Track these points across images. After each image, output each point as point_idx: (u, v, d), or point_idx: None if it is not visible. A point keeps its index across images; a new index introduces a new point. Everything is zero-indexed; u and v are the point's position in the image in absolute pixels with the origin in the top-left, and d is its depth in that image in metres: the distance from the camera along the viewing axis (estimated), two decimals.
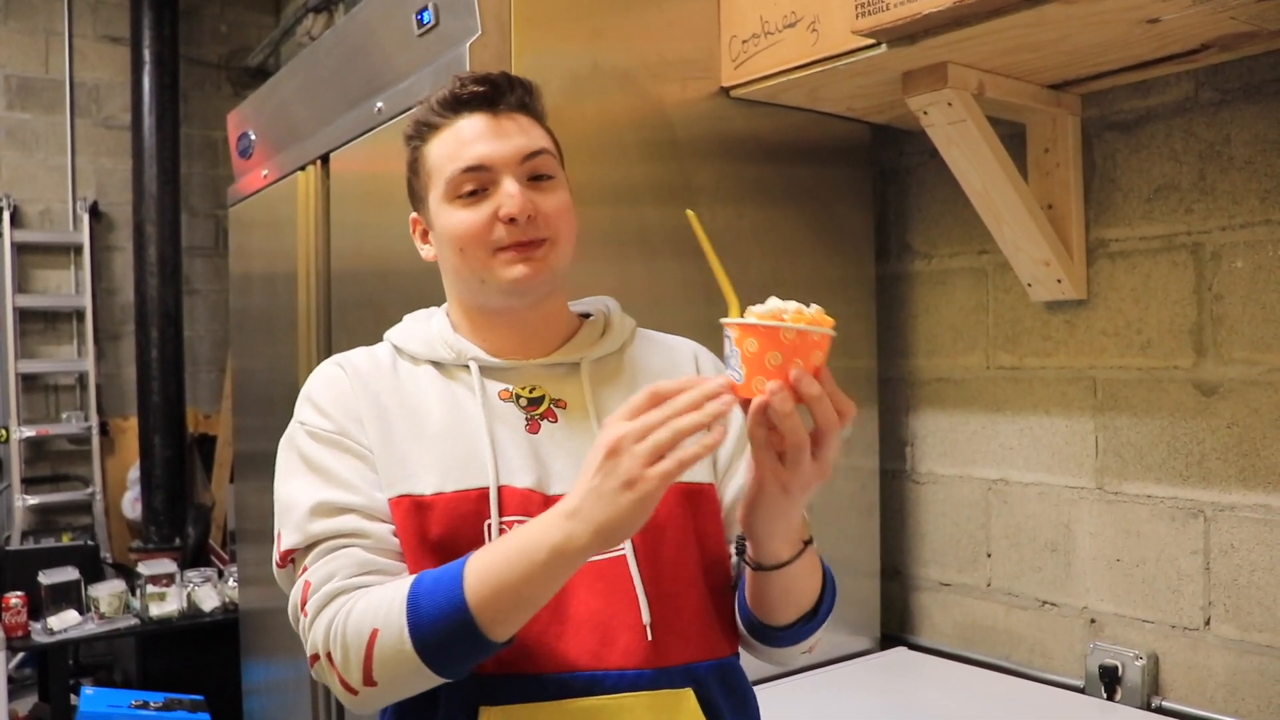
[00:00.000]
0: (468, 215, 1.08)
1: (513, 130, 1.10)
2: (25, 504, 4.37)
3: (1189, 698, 1.70)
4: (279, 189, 2.41)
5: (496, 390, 1.12)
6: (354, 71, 2.02)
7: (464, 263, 1.10)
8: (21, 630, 3.25)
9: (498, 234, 1.08)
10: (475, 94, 1.11)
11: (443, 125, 1.12)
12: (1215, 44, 1.55)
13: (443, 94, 1.12)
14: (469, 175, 1.08)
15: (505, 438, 1.09)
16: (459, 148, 1.09)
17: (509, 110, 1.12)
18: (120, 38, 4.58)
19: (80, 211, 4.54)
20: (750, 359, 0.90)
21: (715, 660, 1.10)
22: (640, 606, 1.05)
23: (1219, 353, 1.67)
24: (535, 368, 1.14)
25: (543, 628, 1.03)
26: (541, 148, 1.11)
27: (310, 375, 1.18)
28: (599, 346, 1.17)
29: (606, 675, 1.03)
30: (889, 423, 2.19)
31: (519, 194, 1.07)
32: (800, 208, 1.96)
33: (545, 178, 1.11)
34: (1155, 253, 1.75)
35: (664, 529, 1.08)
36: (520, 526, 0.96)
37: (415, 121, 1.15)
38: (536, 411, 1.12)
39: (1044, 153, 1.84)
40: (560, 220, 1.11)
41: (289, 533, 1.09)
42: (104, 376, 4.62)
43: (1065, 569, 1.89)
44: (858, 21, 1.51)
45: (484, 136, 1.09)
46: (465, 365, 1.13)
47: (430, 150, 1.13)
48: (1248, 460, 1.63)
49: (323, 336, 2.19)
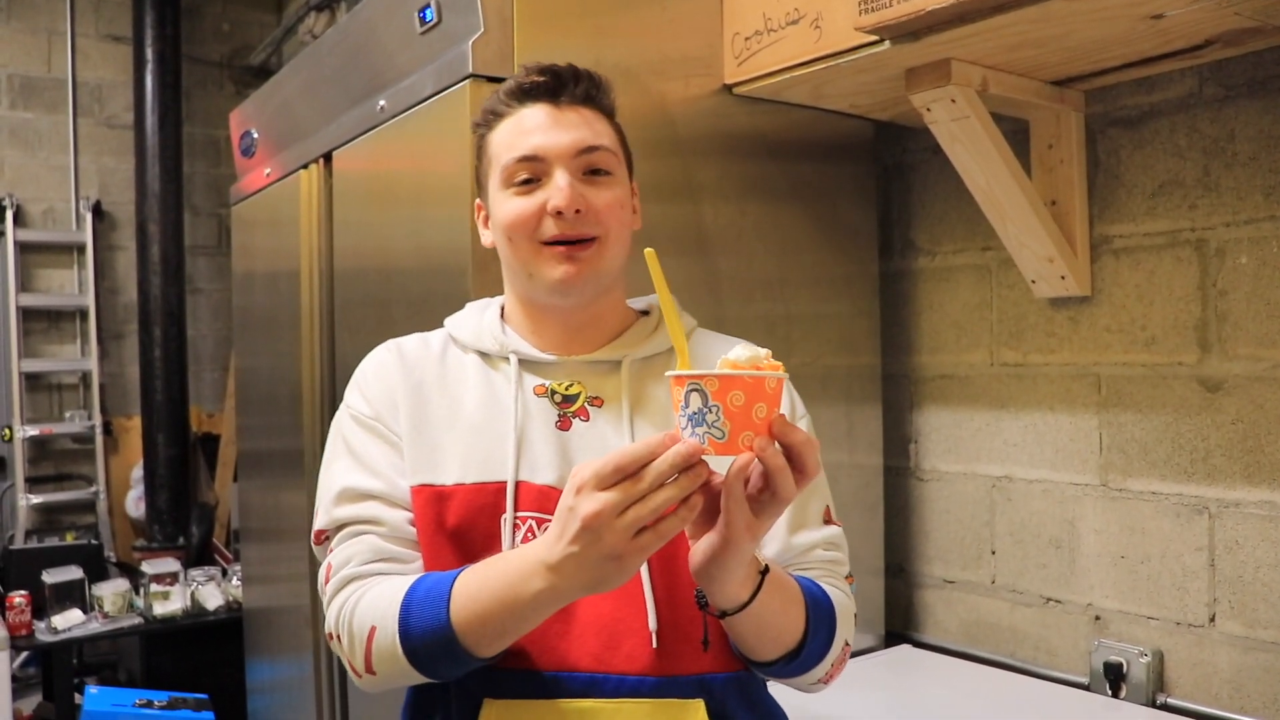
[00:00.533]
0: (518, 204, 1.09)
1: (573, 123, 1.10)
2: (29, 503, 4.37)
3: (1194, 695, 1.70)
4: (281, 188, 2.41)
5: (533, 385, 1.13)
6: (356, 70, 2.02)
7: (513, 253, 1.11)
8: (26, 629, 3.25)
9: (545, 226, 1.08)
10: (537, 84, 1.11)
11: (507, 113, 1.12)
12: (1219, 40, 1.55)
13: (510, 83, 1.13)
14: (523, 164, 1.09)
15: (534, 433, 1.09)
16: (517, 137, 1.10)
17: (573, 102, 1.11)
18: (122, 37, 4.58)
19: (83, 211, 4.54)
20: (735, 413, 0.85)
21: (732, 673, 1.08)
22: (648, 611, 1.05)
23: (1223, 349, 1.66)
24: (577, 364, 1.14)
25: (548, 626, 1.03)
26: (600, 144, 1.10)
27: (366, 356, 1.20)
28: (647, 345, 1.16)
29: (607, 679, 1.03)
30: (893, 420, 2.18)
31: (568, 186, 1.07)
32: (803, 205, 1.96)
33: (602, 173, 1.11)
34: (1159, 249, 1.75)
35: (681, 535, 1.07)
36: (509, 555, 0.96)
37: (483, 109, 1.15)
38: (570, 409, 1.12)
39: (1048, 149, 1.84)
40: (611, 217, 1.10)
41: (320, 514, 1.12)
42: (107, 376, 4.62)
43: (1070, 566, 1.88)
44: (861, 18, 1.50)
45: (542, 127, 1.09)
46: (506, 358, 1.14)
47: (493, 138, 1.13)
48: (1252, 457, 1.63)
49: (325, 335, 2.19)
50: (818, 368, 1.98)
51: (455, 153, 1.61)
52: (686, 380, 0.87)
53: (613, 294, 1.17)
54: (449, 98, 1.64)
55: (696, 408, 0.86)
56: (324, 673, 2.23)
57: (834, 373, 2.02)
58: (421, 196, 1.77)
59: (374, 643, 1.00)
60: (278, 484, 2.56)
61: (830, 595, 1.10)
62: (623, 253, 1.14)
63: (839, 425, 2.04)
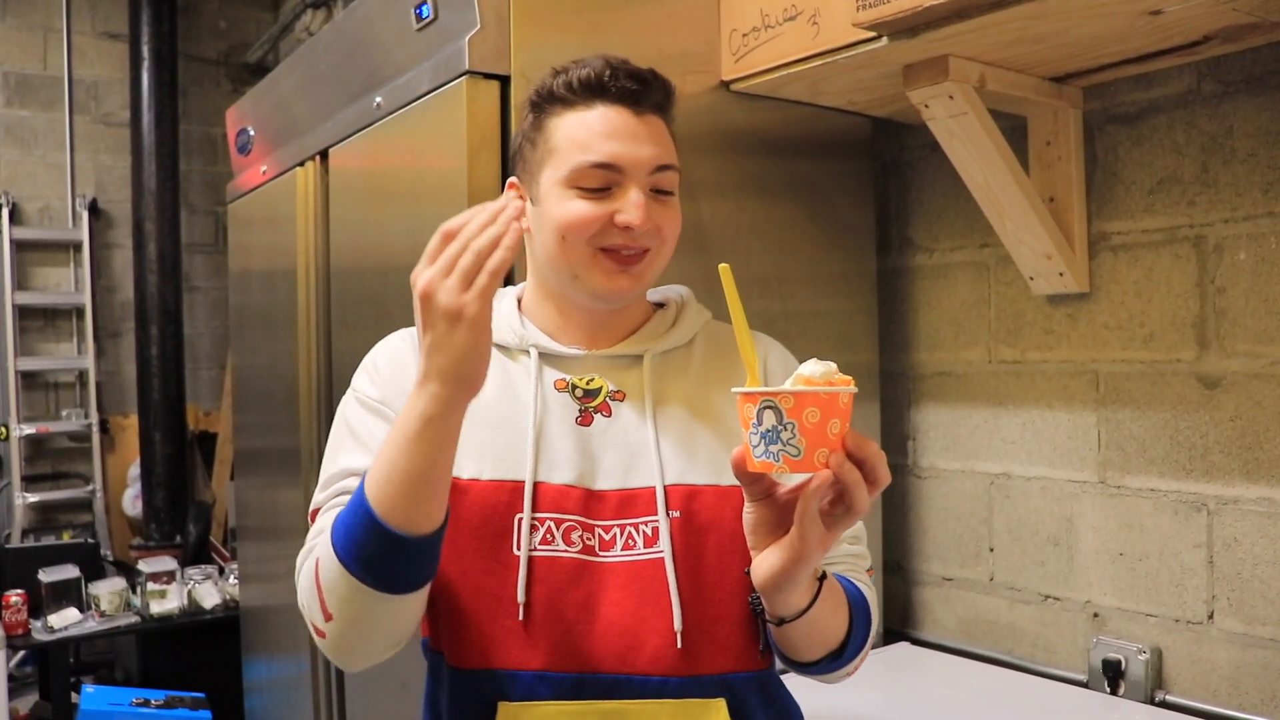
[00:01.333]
0: (584, 207, 1.04)
1: (650, 136, 1.06)
2: (25, 502, 4.37)
3: (1193, 692, 1.70)
4: (278, 185, 2.40)
5: (553, 379, 1.11)
6: (353, 67, 2.02)
7: (561, 252, 1.07)
8: (22, 628, 3.25)
9: (608, 235, 1.05)
10: (623, 88, 1.06)
11: (577, 104, 1.07)
12: (1217, 36, 1.54)
13: (585, 73, 1.06)
14: (598, 171, 1.04)
15: (553, 430, 1.08)
16: (593, 138, 1.05)
17: (649, 111, 1.08)
18: (119, 34, 4.57)
19: (79, 209, 4.54)
20: (811, 430, 0.84)
21: (753, 671, 1.08)
22: (673, 612, 1.03)
23: (1222, 346, 1.66)
24: (598, 358, 1.12)
25: (569, 626, 1.02)
26: (671, 162, 1.08)
27: (378, 343, 1.17)
28: (667, 339, 1.15)
29: (630, 679, 1.02)
30: (890, 417, 2.18)
31: (643, 205, 1.04)
32: (801, 202, 1.96)
33: (667, 194, 1.09)
34: (1157, 245, 1.75)
35: (708, 532, 1.06)
36: None
37: (548, 91, 1.09)
38: (591, 404, 1.10)
39: (1045, 145, 1.84)
40: (670, 234, 1.09)
41: (316, 494, 1.10)
42: (104, 374, 4.61)
43: (1068, 563, 1.88)
44: (859, 14, 1.50)
45: (621, 135, 1.05)
46: (526, 351, 1.12)
47: (557, 126, 1.07)
48: (1251, 454, 1.63)
49: (322, 333, 2.18)
50: None
51: (452, 150, 1.61)
52: (760, 397, 0.85)
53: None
54: (445, 94, 1.63)
55: (770, 425, 0.85)
56: (321, 671, 2.23)
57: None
58: (418, 193, 1.76)
59: (320, 576, 0.95)
60: (275, 482, 2.56)
61: (864, 593, 1.11)
62: (665, 264, 1.12)
63: None
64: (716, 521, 1.06)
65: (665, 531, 1.05)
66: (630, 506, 1.06)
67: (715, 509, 1.06)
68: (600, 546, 1.05)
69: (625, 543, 1.05)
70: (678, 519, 1.06)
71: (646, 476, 1.07)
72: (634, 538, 1.05)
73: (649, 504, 1.06)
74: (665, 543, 1.04)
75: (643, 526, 1.06)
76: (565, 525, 1.04)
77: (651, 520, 1.06)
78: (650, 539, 1.05)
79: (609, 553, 1.05)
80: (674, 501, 1.06)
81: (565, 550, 1.04)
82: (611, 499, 1.06)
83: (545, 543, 1.03)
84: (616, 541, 1.05)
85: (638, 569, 1.04)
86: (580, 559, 1.04)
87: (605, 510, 1.06)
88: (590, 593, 1.03)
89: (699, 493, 1.07)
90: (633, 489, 1.06)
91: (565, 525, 1.04)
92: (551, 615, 1.02)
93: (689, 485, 1.07)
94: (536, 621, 1.02)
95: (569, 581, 1.03)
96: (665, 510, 1.05)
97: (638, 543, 1.05)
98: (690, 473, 1.08)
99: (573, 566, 1.04)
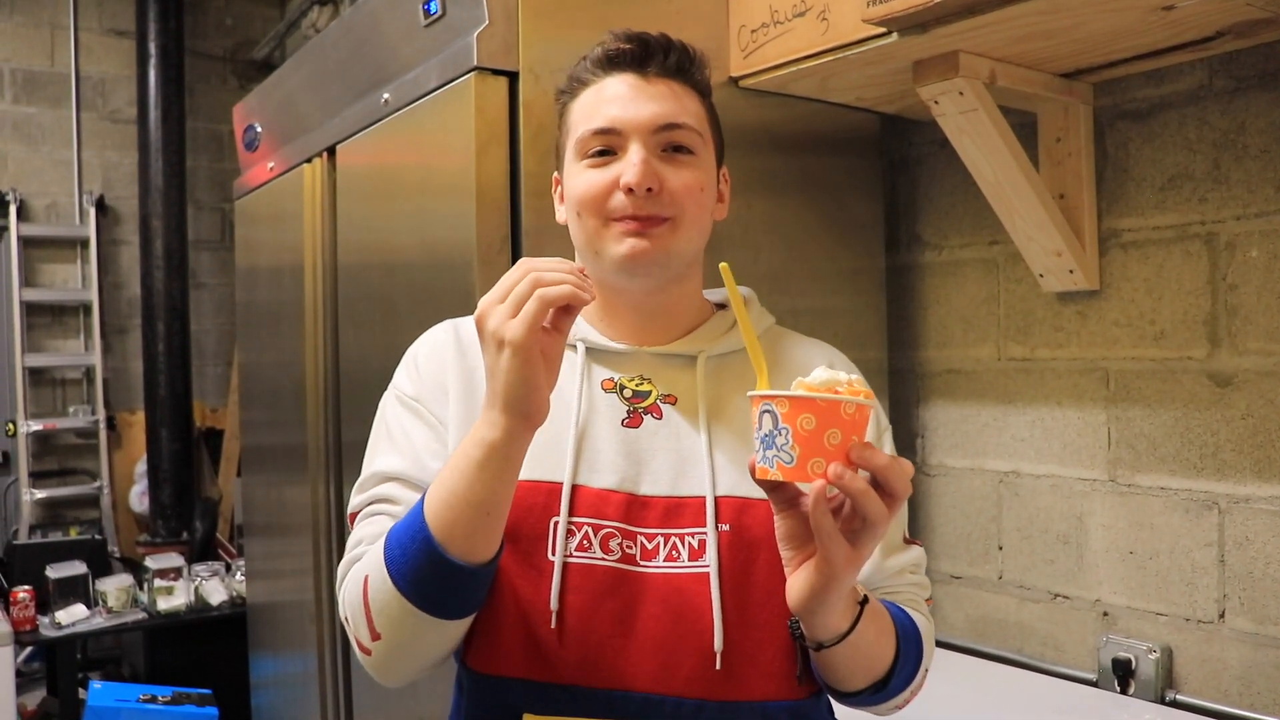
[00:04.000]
0: (590, 176, 1.02)
1: (659, 96, 1.03)
2: (33, 498, 4.38)
3: (1203, 691, 1.69)
4: (285, 182, 2.40)
5: (601, 378, 1.06)
6: (360, 63, 2.01)
7: (581, 230, 1.04)
8: (29, 624, 3.26)
9: (616, 202, 1.01)
10: (622, 51, 1.04)
11: (591, 82, 1.06)
12: (1230, 31, 1.53)
13: (596, 50, 1.06)
14: (598, 136, 1.02)
15: (598, 431, 1.03)
16: (597, 107, 1.03)
17: (661, 74, 1.04)
18: (125, 31, 4.58)
19: (86, 205, 4.55)
20: (805, 437, 0.81)
21: (795, 700, 1.01)
22: (715, 630, 0.97)
23: (1233, 343, 1.65)
24: (649, 356, 1.07)
25: (603, 639, 0.97)
26: (682, 120, 1.03)
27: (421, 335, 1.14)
28: (725, 341, 1.09)
29: (665, 700, 0.96)
30: (899, 414, 2.17)
31: (641, 163, 0.99)
32: (809, 198, 1.95)
33: (684, 151, 1.03)
34: (1169, 243, 1.74)
35: (758, 548, 1.00)
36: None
37: (569, 76, 1.08)
38: (641, 405, 1.05)
39: (1056, 142, 1.83)
40: (688, 199, 1.02)
41: (354, 495, 1.07)
42: (111, 370, 4.62)
43: (1078, 561, 1.87)
44: (868, 10, 1.49)
45: (622, 98, 1.02)
46: (573, 345, 1.07)
47: (574, 106, 1.06)
48: (1263, 452, 1.62)
49: (329, 330, 2.18)
50: None
51: (460, 146, 1.60)
52: (760, 400, 0.84)
53: (687, 283, 1.09)
54: (453, 91, 1.63)
55: (768, 429, 0.83)
56: (328, 668, 2.23)
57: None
58: (426, 190, 1.76)
59: (369, 595, 0.93)
60: (281, 479, 2.56)
61: (916, 623, 1.06)
62: (699, 239, 1.06)
63: None
64: (768, 538, 0.96)
65: (713, 545, 0.99)
66: (677, 516, 1.00)
67: (768, 525, 0.96)
68: (641, 555, 0.99)
69: (669, 554, 0.99)
70: (727, 532, 0.99)
71: (697, 485, 1.01)
72: (678, 549, 0.99)
73: (697, 514, 1.00)
74: (712, 556, 0.98)
75: (689, 538, 0.99)
76: (604, 532, 0.99)
77: (699, 532, 0.99)
78: (696, 552, 0.99)
79: (650, 563, 0.99)
80: (724, 514, 1.00)
81: (603, 558, 0.98)
82: (657, 506, 1.00)
83: (582, 549, 0.98)
84: (659, 551, 0.99)
85: (680, 582, 0.98)
86: (618, 568, 0.98)
87: (650, 518, 1.00)
88: (627, 604, 0.98)
89: (751, 506, 1.01)
90: (681, 497, 1.01)
91: (604, 532, 0.99)
92: (584, 626, 0.97)
93: (741, 498, 1.01)
94: (569, 632, 0.97)
95: (605, 591, 0.98)
96: (715, 522, 1.00)
97: (682, 554, 0.99)
98: (743, 485, 1.00)
99: (610, 575, 0.98)
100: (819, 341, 1.19)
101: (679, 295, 1.09)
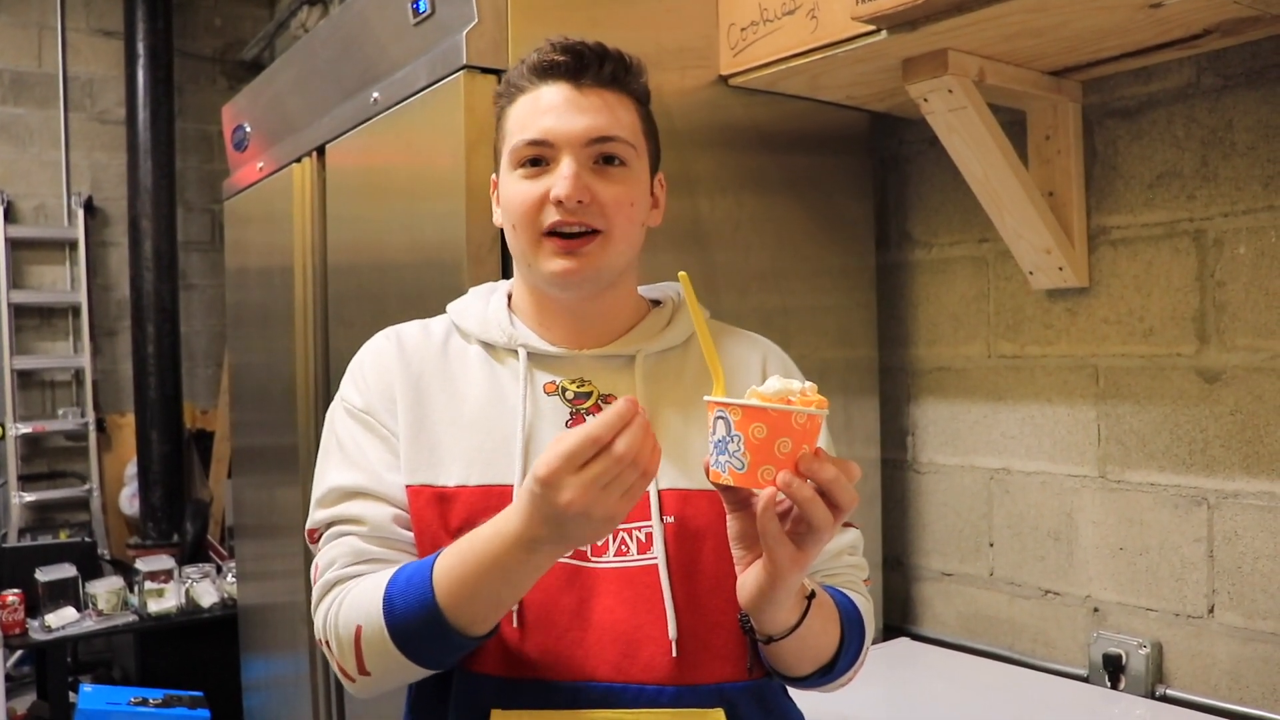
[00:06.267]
0: (523, 188, 1.04)
1: (591, 107, 1.04)
2: (22, 501, 4.35)
3: (1193, 686, 1.70)
4: (274, 182, 2.39)
5: (543, 381, 1.08)
6: (349, 62, 2.01)
7: (514, 239, 1.07)
8: (19, 628, 3.24)
9: (547, 214, 1.03)
10: (556, 63, 1.05)
11: (527, 89, 1.06)
12: (1217, 29, 1.54)
13: (533, 57, 1.07)
14: (531, 147, 1.04)
15: (543, 433, 1.05)
16: (531, 116, 1.04)
17: (596, 85, 1.05)
18: (114, 31, 4.56)
19: (75, 207, 4.52)
20: (756, 445, 0.84)
21: (752, 681, 1.05)
22: (668, 619, 1.01)
23: (1222, 340, 1.66)
24: (588, 359, 1.10)
25: (561, 633, 1.00)
26: (614, 133, 1.04)
27: (364, 344, 1.15)
28: (660, 339, 1.12)
29: (626, 689, 0.99)
30: (890, 412, 2.18)
31: (572, 176, 1.01)
32: (800, 197, 1.95)
33: (615, 163, 1.05)
34: (1157, 240, 1.74)
35: (703, 537, 1.04)
36: (484, 532, 0.92)
37: (506, 80, 1.10)
38: (583, 406, 1.07)
39: (1045, 140, 1.83)
40: (618, 213, 1.04)
41: (311, 513, 1.09)
42: (100, 372, 4.60)
43: (1068, 558, 1.88)
44: (857, 8, 1.49)
45: (556, 109, 1.04)
46: (514, 351, 1.09)
47: (510, 113, 1.08)
48: (1251, 447, 1.63)
49: (320, 330, 2.17)
50: (814, 360, 1.97)
51: (449, 145, 1.60)
52: (715, 406, 0.87)
53: (622, 287, 1.12)
54: (443, 89, 1.62)
55: (721, 435, 0.86)
56: (320, 669, 2.22)
57: (831, 365, 2.01)
58: (415, 190, 1.76)
59: (362, 641, 0.96)
60: (272, 480, 2.55)
61: (858, 605, 1.10)
62: (629, 250, 1.08)
63: (836, 418, 2.03)
64: (712, 527, 1.02)
65: (659, 537, 1.03)
66: None
67: (710, 514, 1.02)
68: (593, 551, 1.03)
69: (618, 548, 1.03)
70: (671, 524, 1.04)
71: None
72: (626, 543, 1.03)
73: (642, 508, 1.04)
74: (659, 548, 1.02)
75: (636, 532, 1.03)
76: None
77: (645, 525, 1.03)
78: (644, 545, 1.03)
79: (601, 558, 1.03)
80: (668, 506, 1.04)
81: None
82: None
83: None
84: (609, 547, 1.03)
85: (631, 575, 1.02)
86: (572, 564, 1.02)
87: None
88: (583, 598, 1.01)
89: (693, 497, 1.05)
90: None
91: None
92: (544, 621, 1.01)
93: (683, 490, 1.05)
94: (529, 627, 1.00)
95: (561, 587, 1.01)
96: (659, 515, 1.03)
97: (631, 548, 1.03)
98: (684, 477, 1.05)
99: (565, 571, 1.01)
100: (754, 336, 1.22)
101: (613, 299, 1.12)
